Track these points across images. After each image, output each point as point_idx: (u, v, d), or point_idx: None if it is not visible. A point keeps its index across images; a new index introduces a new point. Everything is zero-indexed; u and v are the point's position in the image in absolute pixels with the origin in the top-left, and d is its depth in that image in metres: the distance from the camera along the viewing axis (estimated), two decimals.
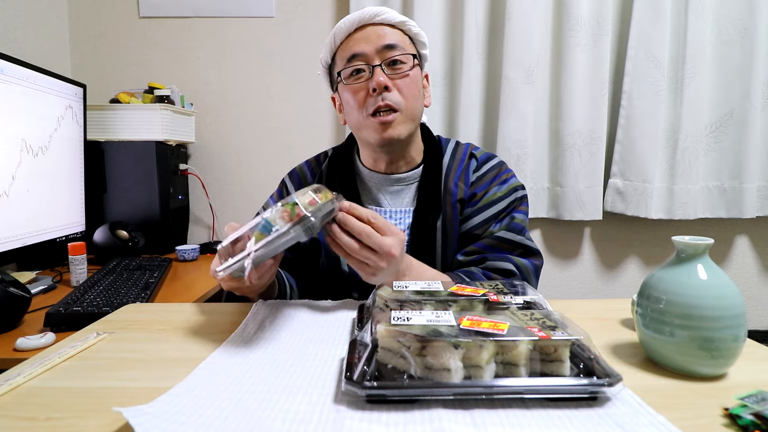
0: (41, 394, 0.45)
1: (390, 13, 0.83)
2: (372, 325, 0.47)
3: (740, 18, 1.57)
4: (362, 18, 0.82)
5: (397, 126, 0.82)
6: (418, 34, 0.86)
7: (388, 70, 0.81)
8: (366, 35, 0.82)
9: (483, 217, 0.86)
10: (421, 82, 0.87)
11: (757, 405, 0.39)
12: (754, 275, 1.77)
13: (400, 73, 0.82)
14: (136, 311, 0.72)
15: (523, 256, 0.84)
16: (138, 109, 1.49)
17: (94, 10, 1.70)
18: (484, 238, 0.85)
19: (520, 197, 0.88)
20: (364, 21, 0.82)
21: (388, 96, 0.80)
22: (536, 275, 0.85)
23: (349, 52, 0.82)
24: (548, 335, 0.43)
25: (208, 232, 1.80)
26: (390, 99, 0.80)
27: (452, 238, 0.86)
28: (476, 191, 0.87)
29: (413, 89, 0.83)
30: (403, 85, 0.82)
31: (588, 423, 0.38)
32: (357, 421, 0.39)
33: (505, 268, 0.81)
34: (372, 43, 0.81)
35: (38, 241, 1.20)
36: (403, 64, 0.82)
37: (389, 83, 0.80)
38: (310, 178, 0.96)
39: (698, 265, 0.49)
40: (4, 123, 1.09)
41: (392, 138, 0.82)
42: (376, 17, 0.82)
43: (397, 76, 0.82)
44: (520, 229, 0.85)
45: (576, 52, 1.57)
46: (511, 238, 0.84)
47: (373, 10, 0.82)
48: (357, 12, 0.83)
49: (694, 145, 1.60)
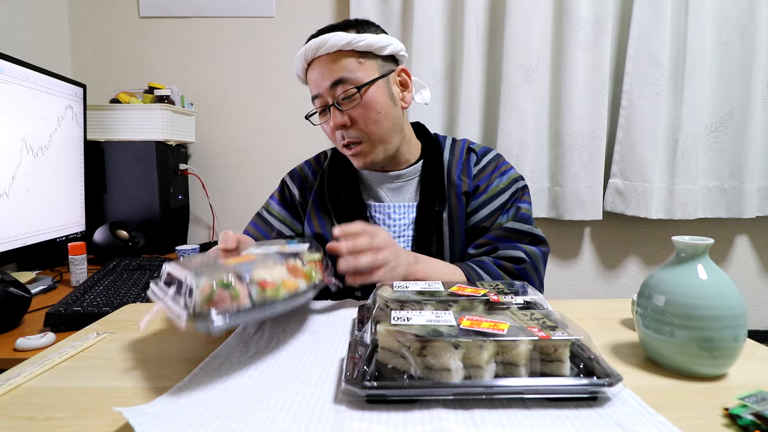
0: (41, 394, 0.45)
1: (331, 41, 0.80)
2: (372, 325, 0.47)
3: (740, 18, 1.57)
4: (306, 56, 0.83)
5: (367, 154, 0.86)
6: (369, 45, 0.81)
7: (343, 105, 0.82)
8: (316, 73, 0.83)
9: (489, 209, 0.88)
10: (383, 97, 0.83)
11: (757, 405, 0.39)
12: (754, 275, 1.77)
13: (352, 106, 0.82)
14: (136, 311, 0.72)
15: (532, 244, 0.86)
16: (138, 109, 1.49)
17: (94, 10, 1.70)
18: (493, 230, 0.87)
19: (521, 187, 0.91)
20: (310, 57, 0.83)
21: (347, 133, 0.84)
22: (544, 262, 0.87)
23: (311, 91, 0.86)
24: (548, 335, 0.43)
25: (208, 232, 1.80)
26: (349, 135, 0.84)
27: (459, 230, 0.88)
28: (479, 183, 0.90)
29: (371, 115, 0.83)
30: (358, 116, 0.83)
31: (588, 423, 0.38)
32: (357, 421, 0.39)
33: (516, 256, 0.83)
34: (323, 81, 0.82)
35: (38, 241, 1.20)
36: (353, 98, 0.82)
37: (345, 120, 0.82)
38: (311, 177, 0.97)
39: (698, 265, 0.49)
40: (4, 123, 1.09)
41: (368, 164, 0.87)
42: (318, 51, 0.81)
43: (351, 109, 0.82)
44: (527, 218, 0.88)
45: (576, 52, 1.57)
46: (519, 228, 0.86)
47: (315, 42, 0.81)
48: (303, 47, 0.83)
49: (694, 145, 1.60)
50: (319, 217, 0.92)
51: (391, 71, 0.86)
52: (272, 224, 0.95)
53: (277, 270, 0.53)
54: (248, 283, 0.48)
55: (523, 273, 0.83)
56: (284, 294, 0.51)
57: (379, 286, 0.61)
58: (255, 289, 0.49)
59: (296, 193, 0.96)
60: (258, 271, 0.51)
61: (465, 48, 1.58)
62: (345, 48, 0.80)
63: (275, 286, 0.50)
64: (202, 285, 0.45)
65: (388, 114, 0.84)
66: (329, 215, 0.91)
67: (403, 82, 0.88)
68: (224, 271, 0.49)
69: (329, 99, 0.83)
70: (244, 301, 0.47)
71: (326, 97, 0.83)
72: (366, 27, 0.85)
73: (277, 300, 0.50)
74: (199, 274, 0.46)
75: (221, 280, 0.46)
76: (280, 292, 0.50)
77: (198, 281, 0.45)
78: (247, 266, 0.52)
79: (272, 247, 0.63)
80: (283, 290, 0.51)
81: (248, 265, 0.52)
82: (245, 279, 0.48)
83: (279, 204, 0.97)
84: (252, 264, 0.53)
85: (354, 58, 0.82)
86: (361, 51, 0.82)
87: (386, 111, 0.84)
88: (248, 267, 0.51)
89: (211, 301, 0.45)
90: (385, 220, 0.90)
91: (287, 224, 0.95)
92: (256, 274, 0.50)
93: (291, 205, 0.97)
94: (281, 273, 0.53)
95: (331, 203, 0.92)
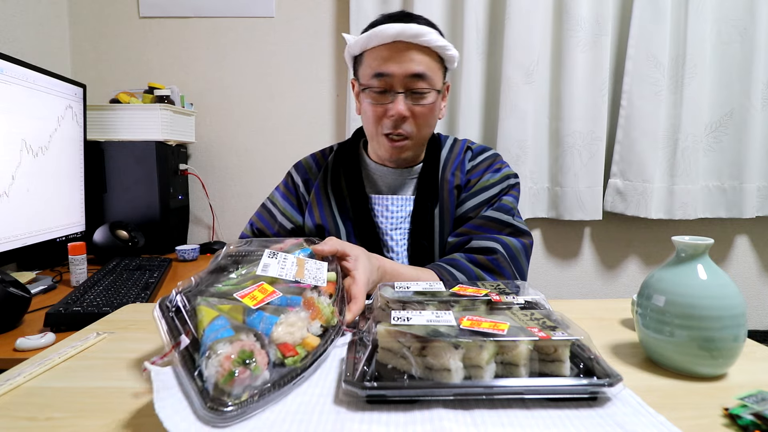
0: (41, 394, 0.45)
1: (430, 36, 0.80)
2: (372, 325, 0.47)
3: (740, 18, 1.57)
4: (400, 34, 0.80)
5: (406, 150, 0.88)
6: (451, 57, 0.86)
7: (410, 98, 0.83)
8: (399, 55, 0.81)
9: (476, 202, 0.90)
10: (439, 106, 0.89)
11: (757, 405, 0.39)
12: (754, 275, 1.77)
13: (420, 104, 0.84)
14: (136, 311, 0.72)
15: (512, 236, 0.87)
16: (138, 109, 1.49)
17: (94, 10, 1.70)
18: (473, 219, 0.88)
19: (512, 184, 0.93)
20: (401, 38, 0.80)
21: (404, 126, 0.85)
22: (526, 254, 0.88)
23: (378, 67, 0.82)
24: (548, 335, 0.43)
25: (208, 232, 1.80)
26: (405, 129, 0.85)
27: (449, 223, 0.91)
28: (471, 178, 0.92)
29: (429, 119, 0.86)
30: (420, 116, 0.85)
31: (588, 423, 0.38)
32: (357, 422, 0.39)
33: (488, 246, 0.84)
34: (402, 67, 0.81)
35: (38, 241, 1.20)
36: (426, 96, 0.84)
37: (407, 114, 0.83)
38: (315, 169, 1.00)
39: (698, 265, 0.49)
40: (4, 123, 1.09)
41: (401, 158, 0.90)
42: (416, 38, 0.80)
43: (417, 105, 0.84)
44: (508, 209, 0.89)
45: (576, 52, 1.57)
46: (498, 217, 0.87)
47: (416, 29, 0.79)
48: (399, 25, 0.80)
49: (694, 145, 1.60)
50: (320, 206, 0.95)
51: (446, 83, 0.91)
52: (275, 216, 0.98)
53: (299, 326, 0.48)
54: (267, 344, 0.44)
55: (495, 263, 0.83)
56: (304, 356, 0.46)
57: (380, 286, 0.61)
58: (274, 353, 0.45)
59: (300, 185, 0.99)
60: (279, 329, 0.47)
61: (465, 48, 1.57)
62: (437, 49, 0.83)
63: (296, 354, 0.46)
64: (221, 357, 0.40)
65: (435, 121, 0.89)
66: (330, 205, 0.94)
67: (444, 96, 0.92)
68: (244, 330, 0.44)
69: (399, 86, 0.82)
70: (264, 375, 0.42)
71: (398, 83, 0.82)
72: (441, 33, 0.87)
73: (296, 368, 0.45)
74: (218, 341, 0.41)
75: (243, 351, 0.41)
76: (299, 359, 0.46)
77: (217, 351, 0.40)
78: (268, 322, 0.47)
79: (288, 260, 0.58)
80: (303, 351, 0.47)
81: (269, 320, 0.47)
82: (266, 342, 0.44)
83: (283, 196, 1.00)
84: (272, 320, 0.47)
85: (437, 62, 0.85)
86: (443, 57, 0.86)
87: (435, 118, 0.89)
88: (269, 323, 0.47)
89: (231, 381, 0.39)
90: (383, 212, 0.92)
91: (287, 216, 0.98)
92: (277, 334, 0.46)
93: (294, 196, 1.00)
94: (302, 329, 0.49)
95: (333, 194, 0.95)
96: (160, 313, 0.49)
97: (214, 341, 0.41)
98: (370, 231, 0.91)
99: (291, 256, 0.59)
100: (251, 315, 0.47)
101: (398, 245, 0.91)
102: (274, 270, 0.55)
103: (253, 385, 0.41)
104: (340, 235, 0.92)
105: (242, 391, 0.40)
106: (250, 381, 0.40)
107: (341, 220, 0.93)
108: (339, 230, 0.92)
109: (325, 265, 0.61)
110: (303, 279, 0.55)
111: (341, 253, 0.65)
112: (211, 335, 0.43)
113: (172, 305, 0.50)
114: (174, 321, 0.48)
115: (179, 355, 0.43)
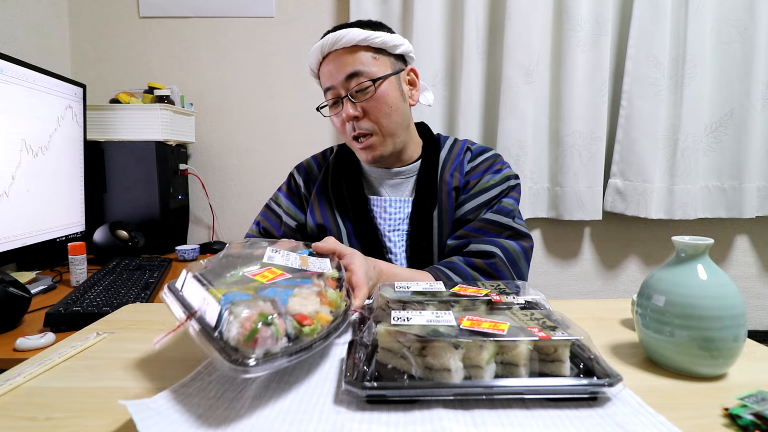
0: (41, 394, 0.45)
1: (349, 36, 0.83)
2: (372, 325, 0.47)
3: (740, 18, 1.57)
4: (322, 49, 0.86)
5: (377, 147, 0.88)
6: (384, 43, 0.85)
7: (356, 97, 0.85)
8: (331, 66, 0.86)
9: (475, 203, 0.89)
10: (394, 93, 0.87)
11: (757, 405, 0.39)
12: (754, 275, 1.77)
13: (365, 99, 0.85)
14: (136, 311, 0.72)
15: (512, 239, 0.86)
16: (138, 109, 1.49)
17: (94, 10, 1.70)
18: (473, 222, 0.87)
19: (512, 185, 0.92)
20: (326, 51, 0.85)
21: (359, 125, 0.86)
22: (526, 257, 0.87)
23: (324, 84, 0.88)
24: (548, 335, 0.43)
25: (208, 232, 1.80)
26: (361, 127, 0.86)
27: (447, 225, 0.90)
28: (470, 179, 0.91)
29: (383, 108, 0.86)
30: (371, 109, 0.85)
31: (588, 423, 0.38)
32: (357, 422, 0.39)
33: (486, 251, 0.83)
34: (338, 73, 0.85)
35: (38, 241, 1.20)
36: (367, 89, 0.85)
37: (357, 112, 0.85)
38: (316, 170, 1.01)
39: (698, 265, 0.49)
40: (4, 123, 1.09)
41: (376, 157, 0.89)
42: (336, 44, 0.84)
43: (364, 101, 0.85)
44: (508, 211, 0.88)
45: (576, 52, 1.57)
46: (498, 220, 0.86)
47: (333, 37, 0.84)
48: (320, 41, 0.86)
49: (694, 145, 1.60)
50: (321, 207, 0.95)
51: (401, 69, 0.90)
52: (280, 216, 0.99)
53: (312, 299, 0.48)
54: (284, 314, 0.43)
55: (494, 268, 0.83)
56: (320, 331, 0.45)
57: (381, 286, 0.61)
58: (291, 324, 0.43)
59: (302, 185, 1.00)
60: (294, 300, 0.46)
61: (465, 48, 1.57)
62: (361, 43, 0.84)
63: (313, 324, 0.45)
64: (242, 317, 0.40)
65: (398, 109, 0.88)
66: (331, 206, 0.95)
67: (411, 81, 0.93)
68: (260, 298, 0.44)
69: (342, 91, 0.86)
70: (282, 342, 0.41)
71: (339, 89, 0.86)
72: (379, 27, 0.88)
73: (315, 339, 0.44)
74: (237, 302, 0.41)
75: (263, 313, 0.41)
76: (317, 328, 0.45)
77: (237, 313, 0.40)
78: (282, 295, 0.46)
79: (290, 255, 0.58)
80: (318, 324, 0.46)
81: (283, 293, 0.47)
82: (282, 311, 0.43)
83: (286, 196, 1.01)
84: (286, 293, 0.47)
85: (369, 54, 0.85)
86: (376, 47, 0.86)
87: (397, 106, 0.87)
88: (283, 296, 0.46)
89: (254, 340, 0.39)
90: (382, 214, 0.93)
91: (291, 215, 0.98)
92: (292, 305, 0.45)
93: (297, 196, 1.01)
94: (315, 303, 0.48)
95: (334, 195, 0.95)
96: (169, 292, 0.49)
97: (232, 303, 0.41)
98: (370, 232, 0.91)
99: (293, 253, 0.60)
100: (264, 290, 0.47)
101: (397, 247, 0.91)
102: (279, 261, 0.56)
103: (273, 349, 0.40)
104: (341, 235, 0.92)
105: (263, 354, 0.39)
106: (272, 343, 0.40)
107: (342, 220, 0.93)
108: (340, 231, 0.93)
109: (327, 260, 0.62)
110: (308, 268, 0.57)
111: (338, 253, 0.66)
112: (228, 300, 0.42)
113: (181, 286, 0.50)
114: (185, 299, 0.48)
115: (196, 321, 0.43)
